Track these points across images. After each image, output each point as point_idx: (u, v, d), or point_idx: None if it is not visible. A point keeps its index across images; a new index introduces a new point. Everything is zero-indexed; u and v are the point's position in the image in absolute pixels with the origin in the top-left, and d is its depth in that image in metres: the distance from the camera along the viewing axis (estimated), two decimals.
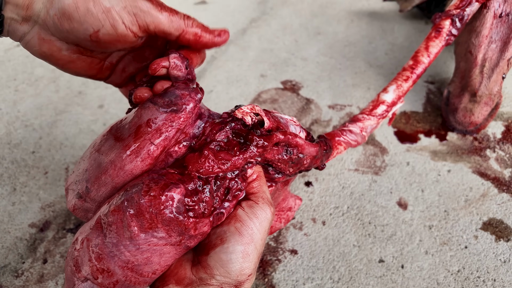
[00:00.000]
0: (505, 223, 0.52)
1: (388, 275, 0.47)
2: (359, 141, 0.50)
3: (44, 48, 0.33)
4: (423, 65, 0.53)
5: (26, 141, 0.66)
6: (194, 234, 0.30)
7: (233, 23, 0.92)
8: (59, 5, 0.30)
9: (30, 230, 0.54)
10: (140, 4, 0.30)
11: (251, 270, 0.30)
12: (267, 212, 0.32)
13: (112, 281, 0.30)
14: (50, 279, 0.49)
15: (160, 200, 0.29)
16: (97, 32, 0.31)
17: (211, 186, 0.31)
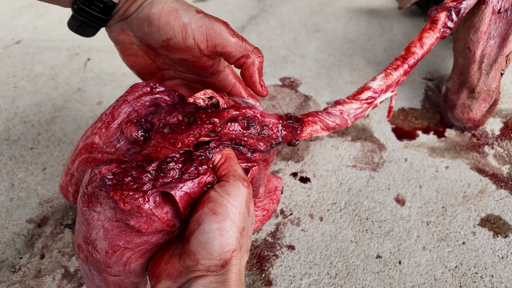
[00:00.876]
0: (503, 219, 0.52)
1: (385, 271, 0.47)
2: (338, 122, 0.48)
3: (121, 37, 0.38)
4: (416, 56, 0.52)
5: (24, 137, 0.66)
6: (126, 208, 0.30)
7: (232, 21, 0.92)
8: (147, 11, 0.35)
9: (28, 225, 0.54)
10: (215, 26, 0.35)
11: (233, 246, 0.30)
12: (239, 186, 0.32)
13: (84, 255, 0.33)
14: (47, 275, 0.49)
15: (90, 176, 0.32)
16: (168, 40, 0.36)
17: (152, 166, 0.32)
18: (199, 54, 0.37)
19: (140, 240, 0.32)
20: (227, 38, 0.35)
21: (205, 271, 0.30)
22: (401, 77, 0.53)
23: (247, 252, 0.33)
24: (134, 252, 0.33)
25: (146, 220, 0.31)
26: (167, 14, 0.35)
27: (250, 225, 0.33)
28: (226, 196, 0.31)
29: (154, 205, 0.31)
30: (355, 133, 0.64)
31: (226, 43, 0.35)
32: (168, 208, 0.32)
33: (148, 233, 0.32)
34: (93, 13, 0.36)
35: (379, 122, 0.65)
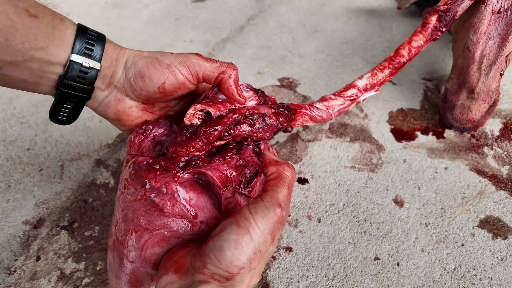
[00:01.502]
0: (502, 220, 0.51)
1: (383, 273, 0.47)
2: (324, 116, 0.53)
3: (119, 106, 0.42)
4: (403, 59, 0.54)
5: (21, 138, 0.66)
6: (156, 186, 0.34)
7: (230, 21, 0.91)
8: (135, 69, 0.39)
9: (24, 227, 0.54)
10: (190, 58, 0.40)
11: (243, 263, 0.30)
12: (271, 210, 0.33)
13: (111, 241, 0.37)
14: (43, 277, 0.49)
15: (129, 166, 0.38)
16: (163, 84, 0.40)
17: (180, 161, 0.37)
18: (192, 85, 0.42)
19: (161, 222, 0.34)
20: (203, 65, 0.40)
21: (209, 277, 0.30)
22: (386, 77, 0.55)
23: (259, 276, 0.33)
24: (152, 235, 0.34)
25: (170, 198, 0.34)
26: (152, 64, 0.39)
27: (270, 254, 0.34)
28: (254, 214, 0.32)
29: (180, 186, 0.35)
30: (353, 133, 0.63)
31: (204, 68, 0.40)
32: (193, 195, 0.35)
33: (169, 214, 0.34)
34: (80, 86, 0.37)
35: (377, 123, 0.65)
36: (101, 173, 0.60)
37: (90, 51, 0.36)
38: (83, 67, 0.36)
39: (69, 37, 0.36)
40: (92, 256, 0.50)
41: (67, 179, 0.59)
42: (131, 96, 0.41)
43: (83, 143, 0.65)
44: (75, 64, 0.36)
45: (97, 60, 0.37)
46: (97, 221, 0.54)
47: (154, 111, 0.45)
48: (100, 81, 0.39)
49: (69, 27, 0.36)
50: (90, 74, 0.37)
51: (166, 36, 0.87)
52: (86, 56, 0.36)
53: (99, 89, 0.40)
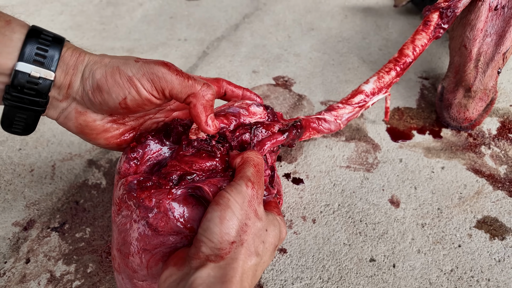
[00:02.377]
0: (500, 221, 0.51)
1: (379, 275, 0.46)
2: (332, 128, 0.52)
3: (81, 120, 0.36)
4: (408, 59, 0.53)
5: (12, 138, 0.65)
6: (150, 205, 0.33)
7: (226, 19, 0.90)
8: (92, 81, 0.34)
9: (14, 229, 0.53)
10: (156, 70, 0.34)
11: (232, 237, 0.31)
12: (242, 185, 0.33)
13: (116, 264, 0.36)
14: (32, 279, 0.48)
15: (119, 187, 0.36)
16: (125, 99, 0.35)
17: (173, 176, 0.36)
18: (159, 102, 0.36)
19: (157, 241, 0.34)
20: (171, 80, 0.35)
21: (205, 260, 0.30)
22: (393, 79, 0.53)
23: (258, 255, 0.33)
24: (152, 255, 0.34)
25: (162, 217, 0.33)
26: (112, 75, 0.34)
27: (262, 229, 0.34)
28: (229, 191, 0.32)
29: (173, 203, 0.34)
30: (349, 133, 0.62)
31: (171, 85, 0.35)
32: (187, 209, 0.34)
33: (164, 232, 0.34)
34: (30, 98, 0.33)
35: (373, 122, 0.64)
36: (93, 174, 0.59)
37: (42, 58, 0.32)
38: (31, 77, 0.32)
39: (16, 42, 0.31)
40: (83, 258, 0.50)
41: (59, 180, 0.58)
42: (92, 109, 0.36)
43: (75, 143, 0.64)
44: (21, 74, 0.31)
45: (50, 68, 0.32)
46: (88, 223, 0.53)
47: (125, 122, 0.40)
48: (56, 91, 0.34)
49: (17, 31, 0.32)
50: (42, 85, 0.32)
51: (160, 34, 0.86)
52: (36, 64, 0.32)
53: (56, 100, 0.35)
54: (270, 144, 0.42)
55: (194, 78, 0.36)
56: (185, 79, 0.35)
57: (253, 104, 0.45)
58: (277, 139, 0.43)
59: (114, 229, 0.36)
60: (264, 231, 0.34)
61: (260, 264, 0.33)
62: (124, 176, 0.38)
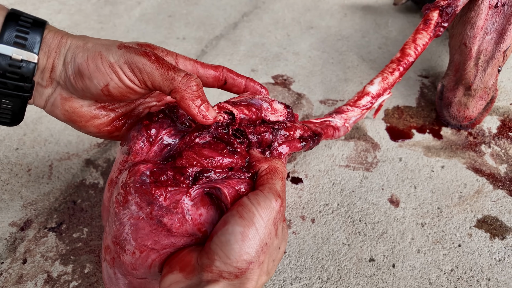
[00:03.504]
0: (500, 220, 0.50)
1: (378, 275, 0.46)
2: (341, 134, 0.51)
3: (67, 106, 0.35)
4: (410, 58, 0.53)
5: (9, 137, 0.64)
6: (165, 204, 0.31)
7: (224, 17, 0.90)
8: (74, 65, 0.32)
9: (11, 229, 0.52)
10: (136, 60, 0.32)
11: (252, 257, 0.28)
12: (272, 201, 0.30)
13: (110, 257, 0.33)
14: (29, 280, 0.47)
15: (128, 175, 0.32)
16: (107, 86, 0.33)
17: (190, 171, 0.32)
18: (144, 91, 0.34)
19: (168, 241, 0.32)
20: (151, 72, 0.32)
21: (218, 276, 0.28)
22: (397, 79, 0.53)
23: (268, 274, 0.31)
24: (159, 255, 0.32)
25: (179, 218, 0.31)
26: (93, 60, 0.32)
27: (276, 248, 0.32)
28: (256, 204, 0.30)
29: (191, 203, 0.31)
30: (348, 132, 0.62)
31: (152, 78, 0.32)
32: (203, 211, 0.32)
33: (178, 234, 0.31)
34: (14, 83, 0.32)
35: (373, 121, 0.64)
36: (91, 173, 0.59)
37: (23, 39, 0.31)
38: (13, 60, 0.30)
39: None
40: (80, 259, 0.49)
41: (56, 180, 0.58)
42: (77, 95, 0.35)
43: (73, 143, 0.63)
44: (2, 56, 0.30)
45: (33, 51, 0.31)
46: (85, 223, 0.53)
47: (115, 107, 0.37)
48: (40, 76, 0.33)
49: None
50: (25, 68, 0.31)
51: (158, 33, 0.86)
52: (17, 47, 0.30)
53: (41, 86, 0.34)
54: (289, 150, 0.40)
55: (175, 69, 0.33)
56: (166, 71, 0.32)
57: (276, 100, 0.42)
58: (296, 146, 0.41)
59: (114, 220, 0.33)
60: (277, 249, 0.32)
61: (267, 280, 0.32)
62: (134, 158, 0.36)
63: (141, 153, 0.36)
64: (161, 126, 0.36)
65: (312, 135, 0.45)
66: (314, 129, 0.47)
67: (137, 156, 0.36)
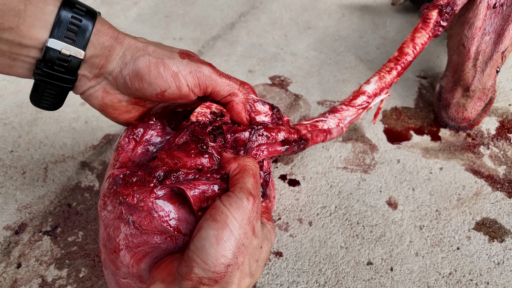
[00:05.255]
0: (499, 223, 0.50)
1: (376, 278, 0.45)
2: (335, 136, 0.51)
3: (107, 99, 0.37)
4: (409, 57, 0.52)
5: (4, 139, 0.64)
6: (132, 202, 0.33)
7: (221, 18, 0.89)
8: (133, 67, 0.34)
9: (5, 233, 0.52)
10: (203, 70, 0.36)
11: (229, 260, 0.28)
12: (243, 200, 0.31)
13: (102, 258, 0.36)
14: (23, 285, 0.47)
15: (105, 180, 0.36)
16: (163, 92, 0.35)
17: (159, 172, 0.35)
18: (194, 97, 0.38)
19: (140, 239, 0.33)
20: (216, 79, 0.37)
21: (198, 283, 0.28)
22: (394, 79, 0.52)
23: (252, 276, 0.31)
24: (134, 253, 0.33)
25: (146, 215, 0.32)
26: (155, 67, 0.34)
27: (256, 248, 0.32)
28: (228, 206, 0.30)
29: (157, 201, 0.32)
30: (346, 133, 0.62)
31: (215, 83, 0.37)
32: (172, 208, 0.33)
33: (148, 231, 0.32)
34: (59, 75, 0.33)
35: (370, 122, 0.63)
36: (86, 176, 0.58)
37: (73, 34, 0.31)
38: (62, 54, 0.31)
39: (48, 15, 0.30)
40: (75, 263, 0.49)
41: (51, 182, 0.57)
42: (123, 91, 0.37)
43: (68, 145, 0.63)
44: (52, 51, 0.31)
45: (81, 47, 0.32)
46: (81, 226, 0.52)
47: (145, 104, 0.40)
48: (88, 69, 0.34)
49: (49, 2, 0.30)
50: (72, 62, 0.32)
51: (155, 33, 0.85)
52: (67, 42, 0.31)
53: (86, 78, 0.35)
54: (267, 153, 0.40)
55: (231, 77, 0.38)
56: (227, 79, 0.38)
57: (260, 100, 0.43)
58: (276, 149, 0.41)
59: (100, 223, 0.36)
60: (259, 248, 0.32)
61: (251, 282, 0.32)
62: (121, 153, 0.39)
63: (126, 149, 0.39)
64: (149, 127, 0.39)
65: (297, 140, 0.44)
66: (303, 134, 0.46)
67: (122, 152, 0.38)
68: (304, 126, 0.48)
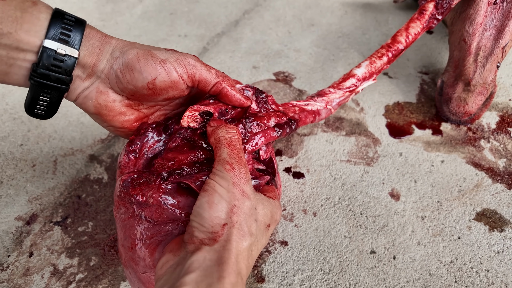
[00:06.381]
0: (498, 213, 0.51)
1: (379, 266, 0.47)
2: (323, 116, 0.52)
3: (101, 99, 0.38)
4: (400, 45, 0.54)
5: (14, 133, 0.65)
6: (142, 200, 0.35)
7: (225, 15, 0.90)
8: (123, 60, 0.36)
9: (17, 223, 0.53)
10: (188, 58, 0.38)
11: (223, 219, 0.32)
12: (223, 170, 0.34)
13: (123, 259, 0.38)
14: (35, 273, 0.48)
15: (116, 186, 0.39)
16: (154, 80, 0.37)
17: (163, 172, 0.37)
18: (184, 87, 0.39)
19: (153, 230, 0.35)
20: (201, 68, 0.39)
21: (200, 243, 0.31)
22: (384, 65, 0.54)
23: (251, 235, 0.33)
24: (148, 245, 0.35)
25: (156, 208, 0.35)
26: (144, 57, 0.36)
27: (251, 208, 0.34)
28: (212, 177, 0.34)
29: (166, 195, 0.35)
30: (349, 127, 0.63)
31: (202, 71, 0.39)
32: (181, 198, 0.35)
33: (160, 222, 0.35)
34: (56, 75, 0.34)
35: (373, 117, 0.64)
36: (95, 169, 0.60)
37: (66, 36, 0.33)
38: (58, 54, 0.33)
39: (42, 21, 0.33)
40: (85, 252, 0.50)
41: (60, 175, 0.59)
42: (115, 89, 0.38)
43: (77, 139, 0.64)
44: (49, 50, 0.33)
45: (74, 47, 0.34)
46: (90, 217, 0.53)
47: (140, 108, 0.42)
48: (81, 70, 0.36)
49: (43, 11, 0.33)
50: (67, 62, 0.34)
51: (160, 30, 0.86)
52: (62, 42, 0.33)
53: (79, 79, 0.37)
54: (265, 140, 0.42)
55: (211, 67, 0.40)
56: (210, 68, 0.40)
57: (243, 88, 0.44)
58: (271, 135, 0.42)
59: (117, 226, 0.38)
60: (253, 209, 0.35)
61: (255, 244, 0.34)
62: (124, 170, 0.40)
63: (128, 167, 0.40)
64: (145, 139, 0.41)
65: (288, 121, 0.45)
66: (291, 116, 0.47)
67: (125, 170, 0.40)
68: (292, 109, 0.49)
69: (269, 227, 0.37)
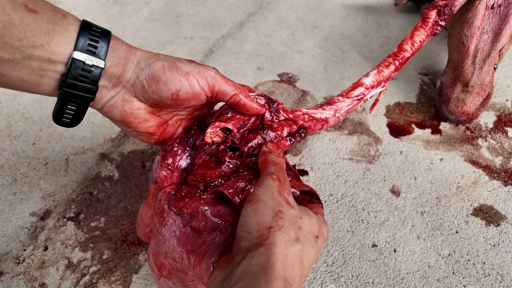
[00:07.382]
0: (495, 209, 0.53)
1: (381, 259, 0.49)
2: (332, 124, 0.54)
3: (126, 107, 0.40)
4: (407, 53, 0.55)
5: (26, 133, 0.67)
6: (188, 212, 0.38)
7: (230, 18, 0.93)
8: (149, 71, 0.38)
9: (31, 218, 0.55)
10: (209, 71, 0.40)
11: (269, 223, 0.32)
12: (268, 180, 0.36)
13: (166, 271, 0.39)
14: (51, 266, 0.50)
15: (159, 198, 0.42)
16: (178, 91, 0.39)
17: (201, 185, 0.41)
18: (204, 97, 0.41)
19: (201, 240, 0.37)
20: (221, 80, 0.41)
21: (245, 252, 0.31)
22: (392, 73, 0.56)
23: (297, 241, 0.33)
24: (197, 254, 0.37)
25: (202, 219, 0.38)
26: (170, 69, 0.38)
27: (296, 217, 0.35)
28: (257, 187, 0.36)
29: (207, 205, 0.38)
30: (351, 127, 0.65)
31: (221, 83, 0.41)
32: (220, 207, 0.38)
33: (206, 231, 0.38)
34: (83, 85, 0.35)
35: (375, 116, 0.66)
36: (106, 166, 0.62)
37: (94, 48, 0.35)
38: (86, 65, 0.34)
39: (72, 33, 0.34)
40: (98, 246, 0.52)
41: (72, 172, 0.61)
42: (140, 98, 0.40)
43: (87, 138, 0.66)
44: (77, 61, 0.34)
45: (101, 58, 0.35)
46: (102, 212, 0.56)
47: (161, 114, 0.43)
48: (107, 80, 0.37)
49: (72, 23, 0.34)
50: (94, 72, 0.35)
51: (166, 32, 0.89)
52: (89, 54, 0.34)
53: (105, 88, 0.38)
54: (281, 151, 0.45)
55: (230, 80, 0.42)
56: (229, 81, 0.42)
57: (256, 97, 0.46)
58: (285, 145, 0.45)
59: (160, 238, 0.40)
60: (298, 218, 0.35)
61: (304, 252, 0.33)
62: (163, 184, 0.42)
63: (166, 180, 0.43)
64: (175, 154, 0.44)
65: (298, 130, 0.48)
66: (301, 124, 0.49)
67: (164, 183, 0.43)
68: (302, 117, 0.51)
69: (318, 239, 0.36)
